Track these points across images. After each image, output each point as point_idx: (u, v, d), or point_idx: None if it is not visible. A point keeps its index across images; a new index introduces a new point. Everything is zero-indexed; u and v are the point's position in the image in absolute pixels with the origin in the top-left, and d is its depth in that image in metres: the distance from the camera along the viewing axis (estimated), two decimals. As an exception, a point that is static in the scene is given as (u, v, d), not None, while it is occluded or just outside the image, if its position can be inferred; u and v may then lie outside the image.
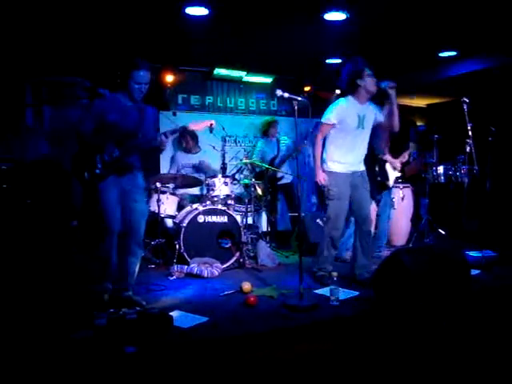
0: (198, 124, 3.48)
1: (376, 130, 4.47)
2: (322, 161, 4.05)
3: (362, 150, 4.10)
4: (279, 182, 6.22)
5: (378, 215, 5.09)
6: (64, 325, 2.91)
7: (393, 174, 5.07)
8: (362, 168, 4.13)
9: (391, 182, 5.06)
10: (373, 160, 4.78)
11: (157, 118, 3.49)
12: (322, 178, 3.99)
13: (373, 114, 4.07)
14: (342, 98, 4.02)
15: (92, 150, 3.27)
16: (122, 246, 3.42)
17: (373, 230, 4.39)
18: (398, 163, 5.08)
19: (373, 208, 4.81)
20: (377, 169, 4.94)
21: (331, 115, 3.95)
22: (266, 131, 6.48)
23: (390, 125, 4.09)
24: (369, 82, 3.90)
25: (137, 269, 3.50)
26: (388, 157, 5.04)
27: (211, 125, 3.52)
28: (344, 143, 3.99)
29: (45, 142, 5.59)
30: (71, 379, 2.31)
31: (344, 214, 4.06)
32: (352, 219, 4.57)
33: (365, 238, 4.09)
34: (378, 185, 4.93)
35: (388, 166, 5.06)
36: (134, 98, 3.31)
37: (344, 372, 2.49)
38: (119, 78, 3.31)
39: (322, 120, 4.00)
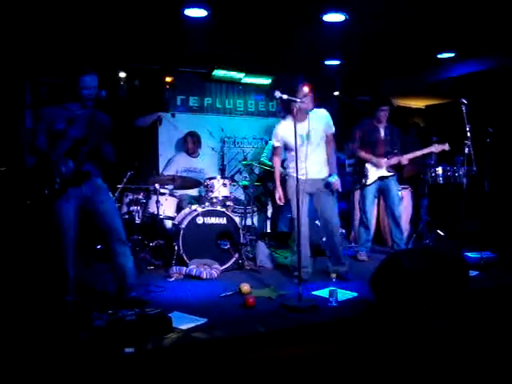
0: (146, 119, 3.49)
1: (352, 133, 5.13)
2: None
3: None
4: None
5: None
6: (62, 326, 2.91)
7: (374, 173, 5.11)
8: (324, 175, 4.24)
9: (370, 180, 5.12)
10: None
11: (110, 125, 3.50)
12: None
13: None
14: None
15: (47, 164, 3.24)
16: (109, 251, 3.44)
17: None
18: (382, 162, 5.08)
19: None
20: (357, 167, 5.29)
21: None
22: None
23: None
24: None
25: (131, 264, 3.49)
26: (364, 154, 5.12)
27: (158, 117, 3.55)
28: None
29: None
30: (70, 380, 2.31)
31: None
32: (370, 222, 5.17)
33: (332, 237, 4.27)
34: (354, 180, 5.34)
35: (369, 165, 5.11)
36: (85, 104, 3.32)
37: (343, 372, 2.49)
38: (68, 86, 3.35)
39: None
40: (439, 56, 6.08)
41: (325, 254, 4.56)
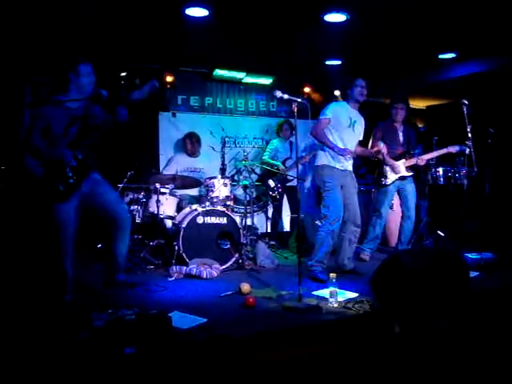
0: (143, 90, 3.53)
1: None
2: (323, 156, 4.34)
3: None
4: (288, 184, 6.22)
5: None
6: (61, 326, 2.91)
7: (393, 175, 5.13)
8: (351, 168, 4.45)
9: (390, 180, 5.13)
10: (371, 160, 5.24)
11: (105, 117, 3.52)
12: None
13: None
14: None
15: (53, 161, 3.24)
16: (108, 236, 3.48)
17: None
18: (398, 166, 5.12)
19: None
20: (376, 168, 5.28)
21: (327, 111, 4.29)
22: (278, 132, 6.53)
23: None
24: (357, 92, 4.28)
25: (126, 250, 3.58)
26: (385, 156, 5.11)
27: (154, 85, 3.57)
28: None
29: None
30: (71, 381, 2.31)
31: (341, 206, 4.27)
32: (383, 221, 5.19)
33: (352, 233, 4.41)
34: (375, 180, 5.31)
35: (388, 168, 5.13)
36: (85, 93, 3.34)
37: (343, 373, 2.49)
38: (65, 79, 3.37)
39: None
40: (440, 56, 6.08)
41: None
